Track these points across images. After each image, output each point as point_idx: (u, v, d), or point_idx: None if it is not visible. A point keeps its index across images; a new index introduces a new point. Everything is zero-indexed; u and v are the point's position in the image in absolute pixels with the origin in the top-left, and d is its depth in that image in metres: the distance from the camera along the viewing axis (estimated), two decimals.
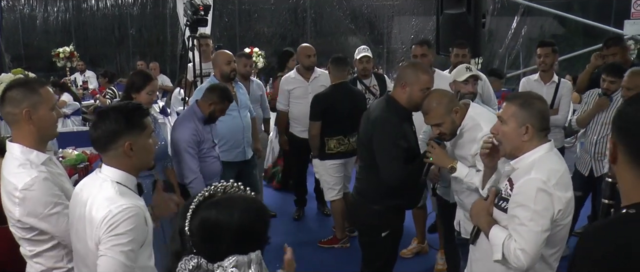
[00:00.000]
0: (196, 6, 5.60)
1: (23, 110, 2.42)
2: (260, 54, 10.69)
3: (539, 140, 2.44)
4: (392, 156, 3.32)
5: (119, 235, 2.06)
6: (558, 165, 2.41)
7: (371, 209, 3.49)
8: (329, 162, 5.14)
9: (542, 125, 2.43)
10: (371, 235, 3.56)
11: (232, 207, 1.33)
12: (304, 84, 5.67)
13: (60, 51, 11.31)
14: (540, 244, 2.31)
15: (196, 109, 4.23)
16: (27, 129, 2.45)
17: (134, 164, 2.27)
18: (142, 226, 2.15)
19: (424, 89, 3.33)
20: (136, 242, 2.11)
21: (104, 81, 9.33)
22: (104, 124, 2.20)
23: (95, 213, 2.11)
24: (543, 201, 2.30)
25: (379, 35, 14.52)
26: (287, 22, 14.69)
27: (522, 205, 2.34)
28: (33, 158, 2.43)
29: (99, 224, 2.08)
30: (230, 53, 5.22)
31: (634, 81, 4.26)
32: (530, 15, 12.71)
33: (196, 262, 1.26)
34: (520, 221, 2.33)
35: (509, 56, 13.20)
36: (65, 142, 5.36)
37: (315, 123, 5.07)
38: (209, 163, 4.26)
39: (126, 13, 14.90)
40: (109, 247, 2.06)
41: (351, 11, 14.46)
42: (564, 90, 5.25)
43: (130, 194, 2.21)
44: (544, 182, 2.30)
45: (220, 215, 1.30)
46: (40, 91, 2.48)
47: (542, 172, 2.33)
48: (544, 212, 2.30)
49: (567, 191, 2.35)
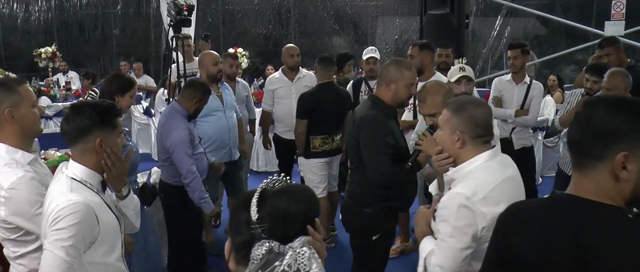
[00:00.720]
0: (180, 6, 5.56)
1: (4, 110, 2.43)
2: (245, 55, 10.66)
3: (475, 147, 2.32)
4: (379, 152, 3.28)
5: (60, 230, 2.08)
6: (494, 177, 2.25)
7: (362, 212, 3.45)
8: (314, 160, 5.15)
9: (476, 132, 2.30)
10: (362, 238, 3.51)
11: (297, 193, 1.47)
12: (287, 84, 5.68)
13: (42, 51, 11.15)
14: (459, 261, 2.24)
15: (179, 108, 4.21)
16: (11, 129, 2.46)
17: (100, 162, 2.29)
18: (89, 222, 2.15)
19: (409, 85, 3.33)
20: (79, 238, 2.10)
21: (87, 83, 9.25)
22: (78, 118, 2.24)
23: (48, 206, 2.15)
24: (464, 217, 2.19)
25: (363, 36, 14.53)
26: (271, 23, 14.64)
27: (444, 220, 2.26)
28: (19, 158, 2.44)
29: (47, 217, 2.12)
30: (216, 54, 5.22)
31: (613, 82, 4.29)
32: (513, 16, 12.80)
33: (268, 246, 1.36)
34: (442, 236, 2.27)
35: (492, 57, 13.28)
36: (47, 143, 5.30)
37: (302, 121, 5.08)
38: (199, 160, 4.26)
39: (109, 13, 14.76)
40: (51, 241, 2.08)
41: (335, 11, 14.45)
42: (535, 92, 5.37)
43: (83, 190, 2.21)
44: (467, 197, 2.18)
45: (290, 201, 1.43)
46: (19, 90, 2.50)
47: (468, 187, 2.22)
48: (465, 229, 2.19)
49: (498, 205, 2.12)
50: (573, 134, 1.59)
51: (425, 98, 3.21)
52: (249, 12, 14.73)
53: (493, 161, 2.31)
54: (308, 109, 5.05)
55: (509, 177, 2.29)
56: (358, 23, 14.63)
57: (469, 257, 2.26)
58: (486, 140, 2.35)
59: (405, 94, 3.35)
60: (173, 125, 4.15)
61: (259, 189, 1.48)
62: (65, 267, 2.07)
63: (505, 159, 2.41)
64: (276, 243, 1.36)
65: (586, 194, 1.55)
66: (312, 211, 1.48)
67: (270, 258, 1.34)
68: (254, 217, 1.42)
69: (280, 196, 1.45)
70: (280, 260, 1.33)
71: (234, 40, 13.30)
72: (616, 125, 1.48)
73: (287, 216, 1.40)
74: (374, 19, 14.45)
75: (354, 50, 14.29)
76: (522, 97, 5.36)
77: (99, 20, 14.85)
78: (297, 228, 1.40)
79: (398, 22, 14.08)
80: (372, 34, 14.43)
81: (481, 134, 2.32)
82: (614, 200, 1.53)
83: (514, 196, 2.21)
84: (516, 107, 5.39)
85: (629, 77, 4.31)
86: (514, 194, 2.25)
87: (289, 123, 5.56)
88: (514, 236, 1.65)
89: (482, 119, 2.32)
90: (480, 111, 2.34)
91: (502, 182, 2.24)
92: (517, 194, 2.28)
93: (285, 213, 1.41)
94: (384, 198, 3.40)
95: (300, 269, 1.32)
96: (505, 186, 2.25)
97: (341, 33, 14.50)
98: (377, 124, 3.33)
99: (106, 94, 3.60)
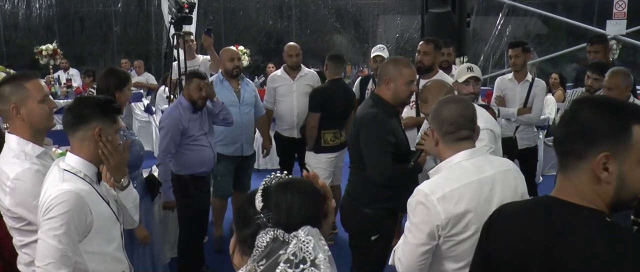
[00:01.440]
0: (181, 4, 5.56)
1: (10, 106, 2.51)
2: (246, 52, 10.66)
3: (449, 146, 2.33)
4: (379, 150, 3.26)
5: (51, 219, 2.14)
6: (461, 176, 2.23)
7: (361, 212, 3.41)
8: (323, 155, 5.22)
9: (444, 130, 2.31)
10: (361, 238, 3.48)
11: (300, 185, 1.50)
12: (289, 82, 5.68)
13: (43, 49, 11.15)
14: (415, 257, 2.25)
15: (181, 98, 4.40)
16: (20, 124, 2.54)
17: (97, 153, 2.34)
18: (80, 210, 2.20)
19: (408, 82, 3.31)
20: (70, 226, 2.16)
21: (88, 80, 9.26)
22: (79, 107, 2.32)
23: (42, 197, 2.22)
24: (420, 214, 2.21)
25: (364, 34, 14.52)
26: (272, 20, 14.65)
27: (407, 215, 2.29)
28: (28, 150, 2.51)
29: (40, 209, 2.19)
30: (234, 49, 5.29)
31: (614, 81, 4.25)
32: (515, 15, 12.80)
33: (273, 234, 1.36)
34: (405, 230, 2.30)
35: (494, 55, 13.28)
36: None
37: (315, 114, 5.15)
38: (196, 151, 4.33)
39: (110, 10, 14.77)
40: (44, 230, 2.16)
41: (336, 10, 14.45)
42: (537, 89, 5.34)
43: (75, 180, 2.26)
44: (426, 195, 2.19)
45: (294, 191, 1.45)
46: (26, 86, 2.55)
47: (428, 184, 2.24)
48: (421, 226, 2.21)
49: (457, 205, 2.15)
50: (557, 133, 1.58)
51: (427, 98, 3.21)
52: (250, 9, 14.73)
53: (469, 161, 2.29)
54: (321, 103, 5.14)
55: (482, 179, 2.25)
56: (359, 21, 14.63)
57: (428, 255, 2.27)
58: (458, 137, 2.32)
59: (405, 92, 3.33)
60: (169, 111, 4.42)
61: (263, 183, 1.50)
62: (58, 256, 2.13)
63: (487, 160, 2.38)
64: (281, 231, 1.37)
65: (566, 196, 1.53)
66: (316, 202, 1.49)
67: (275, 247, 1.34)
68: (259, 207, 1.43)
69: (284, 186, 1.47)
70: (285, 248, 1.33)
71: (235, 38, 13.30)
72: (598, 125, 1.46)
73: (291, 205, 1.42)
74: (375, 17, 14.45)
75: (355, 48, 14.33)
76: (525, 96, 5.35)
77: (100, 17, 14.86)
78: (302, 217, 1.41)
79: (399, 21, 14.08)
80: (373, 32, 14.43)
81: (449, 131, 2.31)
82: (595, 203, 1.50)
83: (483, 198, 2.21)
84: (519, 105, 5.39)
85: (629, 77, 4.28)
86: (484, 196, 2.22)
87: (290, 121, 5.61)
88: (494, 238, 1.66)
89: (449, 116, 2.31)
90: (448, 108, 2.34)
91: (469, 183, 2.22)
92: (489, 197, 2.23)
93: (289, 202, 1.42)
94: (383, 198, 3.36)
95: (305, 257, 1.32)
96: (472, 188, 2.22)
97: (342, 31, 14.49)
98: (378, 122, 3.30)
99: (104, 91, 3.59)
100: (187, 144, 4.31)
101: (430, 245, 2.24)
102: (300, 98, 5.60)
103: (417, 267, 2.29)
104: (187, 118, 4.27)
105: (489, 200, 2.21)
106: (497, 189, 2.26)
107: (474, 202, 2.19)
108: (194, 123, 4.30)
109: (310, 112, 5.24)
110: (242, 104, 5.06)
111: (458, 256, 2.26)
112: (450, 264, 2.30)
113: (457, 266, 2.29)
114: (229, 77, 5.07)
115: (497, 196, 2.24)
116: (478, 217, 2.15)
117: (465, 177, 2.23)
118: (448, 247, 2.25)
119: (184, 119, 4.25)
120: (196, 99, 4.29)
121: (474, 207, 2.18)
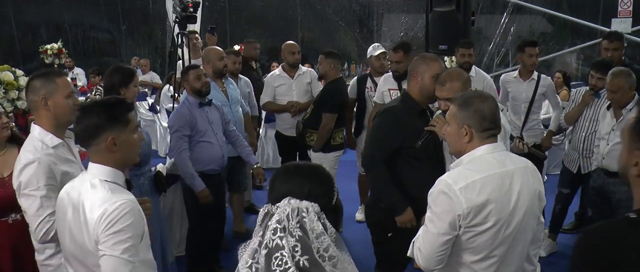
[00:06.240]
0: (185, 3, 5.58)
1: (40, 97, 2.71)
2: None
3: (480, 141, 2.34)
4: (378, 138, 3.35)
5: (117, 232, 2.05)
6: (483, 168, 2.27)
7: (378, 208, 3.45)
8: (332, 154, 5.27)
9: (483, 126, 2.32)
10: (379, 234, 3.53)
11: (287, 166, 1.83)
12: (288, 81, 5.71)
13: (48, 48, 11.19)
14: (436, 247, 2.28)
15: (186, 95, 4.45)
16: (45, 115, 2.74)
17: (118, 160, 2.27)
18: (139, 219, 2.15)
19: (435, 76, 3.31)
20: (136, 237, 2.11)
21: (97, 79, 9.26)
22: (86, 119, 2.23)
23: (90, 214, 2.11)
24: (443, 203, 2.24)
25: (368, 33, 14.52)
26: (277, 19, 14.65)
27: (429, 206, 2.32)
28: (47, 140, 2.70)
29: (96, 224, 2.08)
30: (221, 49, 5.25)
31: (617, 83, 4.16)
32: (519, 14, 12.74)
33: (266, 209, 1.66)
34: (426, 221, 2.33)
35: (498, 54, 13.24)
36: None
37: (334, 115, 5.14)
38: (202, 148, 4.34)
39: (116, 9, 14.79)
40: (109, 245, 2.05)
41: (341, 8, 14.45)
42: (547, 87, 5.34)
43: (121, 190, 2.21)
44: (449, 185, 2.23)
45: (281, 172, 1.79)
46: (57, 81, 2.76)
47: (452, 175, 2.28)
48: (442, 215, 2.24)
49: (479, 196, 2.20)
50: None
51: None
52: (255, 8, 14.73)
53: (491, 155, 2.33)
54: (339, 104, 5.16)
55: (503, 172, 2.29)
56: (364, 20, 14.63)
57: (448, 245, 2.29)
58: (492, 133, 2.36)
59: (431, 86, 3.31)
60: (177, 109, 4.49)
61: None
62: (129, 269, 2.06)
63: (508, 155, 2.41)
64: (269, 205, 1.67)
65: None
66: (302, 178, 1.73)
67: (267, 220, 1.63)
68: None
69: (276, 171, 1.80)
70: (270, 217, 1.62)
71: (240, 37, 13.30)
72: None
73: (274, 181, 1.75)
74: (380, 16, 14.43)
75: (360, 47, 14.30)
76: (531, 94, 5.34)
77: (105, 16, 14.85)
78: (284, 192, 1.67)
79: (404, 19, 14.05)
80: (378, 30, 14.42)
81: (488, 128, 2.33)
82: None
83: (504, 191, 2.25)
84: (525, 103, 5.38)
85: (631, 76, 4.17)
86: (505, 189, 2.26)
87: (291, 120, 5.65)
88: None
89: (489, 113, 2.34)
90: (486, 105, 2.35)
91: (491, 175, 2.26)
92: (508, 190, 2.27)
93: (273, 180, 1.75)
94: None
95: (285, 225, 1.58)
96: (494, 179, 2.26)
97: (347, 30, 14.48)
98: (391, 115, 3.39)
99: (110, 89, 3.62)
100: (195, 140, 4.32)
101: (451, 235, 2.27)
102: (300, 96, 5.64)
103: (436, 258, 2.31)
104: (195, 113, 4.30)
105: (509, 193, 2.27)
106: (516, 183, 2.30)
107: (495, 193, 2.23)
108: (201, 119, 4.33)
109: (327, 113, 5.10)
110: (231, 103, 5.06)
111: (477, 247, 2.30)
112: (468, 255, 2.33)
113: (475, 258, 2.33)
114: (217, 77, 5.03)
115: (516, 191, 2.29)
116: (498, 208, 2.24)
117: (487, 169, 2.27)
118: (467, 238, 2.28)
119: (193, 114, 4.28)
120: (200, 88, 4.32)
121: (495, 198, 2.23)
